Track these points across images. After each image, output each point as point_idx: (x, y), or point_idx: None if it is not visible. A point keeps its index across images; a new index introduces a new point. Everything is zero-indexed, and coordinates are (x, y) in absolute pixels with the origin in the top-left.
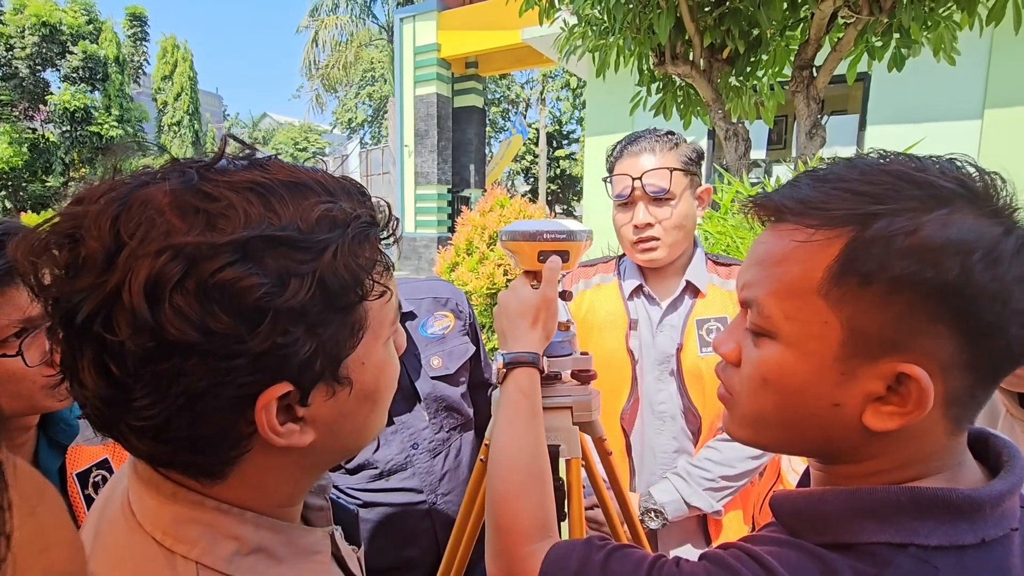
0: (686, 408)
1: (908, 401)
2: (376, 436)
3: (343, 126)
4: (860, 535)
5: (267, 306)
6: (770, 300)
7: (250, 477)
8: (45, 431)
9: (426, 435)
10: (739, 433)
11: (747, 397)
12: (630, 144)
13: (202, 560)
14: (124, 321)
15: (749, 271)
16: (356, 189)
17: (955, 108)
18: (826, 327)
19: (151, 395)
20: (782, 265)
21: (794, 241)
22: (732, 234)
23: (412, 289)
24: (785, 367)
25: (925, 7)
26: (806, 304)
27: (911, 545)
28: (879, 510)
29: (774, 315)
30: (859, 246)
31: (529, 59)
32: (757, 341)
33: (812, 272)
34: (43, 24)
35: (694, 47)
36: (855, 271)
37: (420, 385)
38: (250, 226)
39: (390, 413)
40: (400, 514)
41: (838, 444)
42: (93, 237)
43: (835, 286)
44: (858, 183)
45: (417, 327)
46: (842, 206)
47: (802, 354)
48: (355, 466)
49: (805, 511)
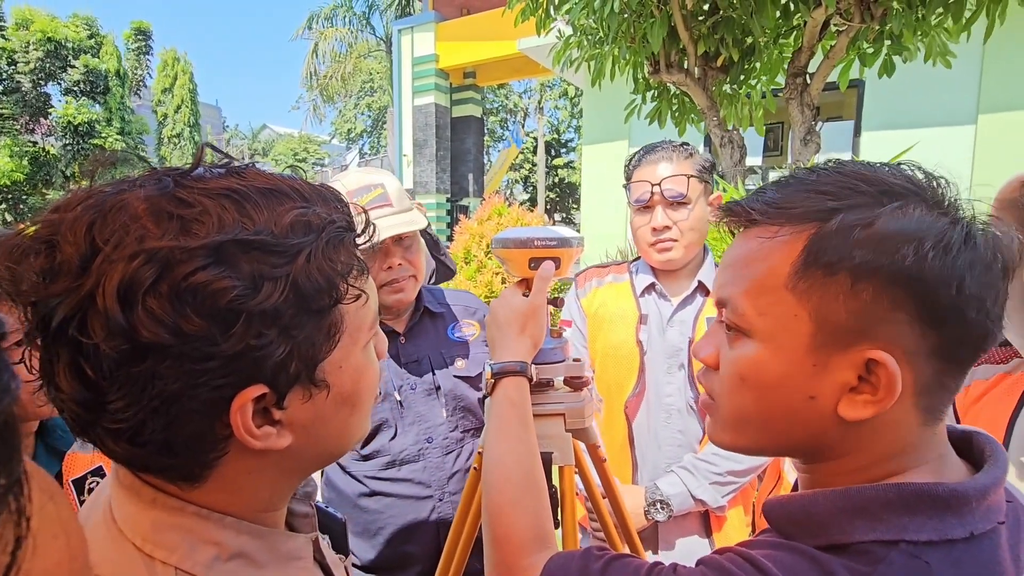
0: (695, 400)
1: (879, 388)
2: (358, 441)
3: (342, 136)
4: (852, 534)
5: (240, 308)
6: (743, 298)
7: (229, 481)
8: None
9: (442, 431)
10: (721, 437)
11: (727, 398)
12: (648, 153)
13: (181, 565)
14: (98, 324)
15: (723, 274)
16: (333, 196)
17: (949, 114)
18: (796, 320)
19: (126, 397)
20: (752, 264)
21: (761, 239)
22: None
23: (447, 294)
24: (761, 363)
25: (916, 15)
26: (776, 299)
27: (901, 541)
28: (868, 508)
29: (748, 312)
30: (821, 239)
31: (526, 69)
32: (733, 340)
33: (779, 268)
34: (48, 40)
35: (688, 55)
36: (819, 263)
37: (442, 381)
38: (224, 231)
39: (409, 405)
40: (405, 508)
41: (817, 439)
42: (69, 243)
43: (801, 279)
44: (816, 184)
45: (446, 329)
46: (803, 204)
47: (776, 348)
48: (369, 452)
49: (797, 514)
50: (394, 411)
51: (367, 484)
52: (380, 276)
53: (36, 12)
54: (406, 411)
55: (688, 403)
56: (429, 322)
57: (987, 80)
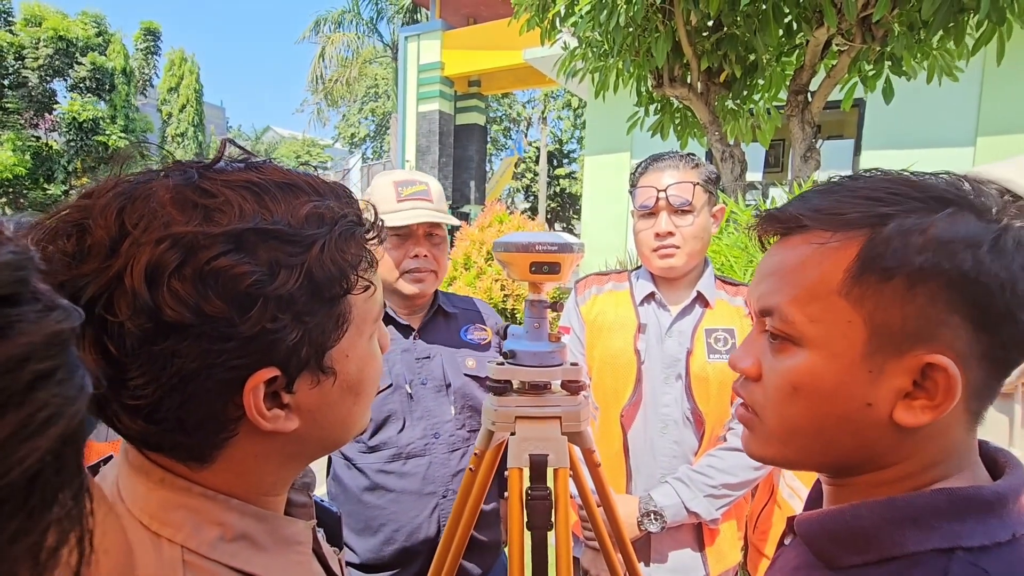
0: (691, 411)
1: (937, 393)
2: (358, 433)
3: (345, 141)
4: (905, 546)
5: (258, 293)
6: (792, 306)
7: (236, 464)
8: None
9: (449, 428)
10: (763, 450)
11: (775, 409)
12: (655, 161)
13: (187, 544)
14: (125, 303)
15: (764, 282)
16: (344, 192)
17: (949, 135)
18: (850, 326)
19: (146, 375)
20: (801, 271)
21: (814, 245)
22: (727, 253)
23: (461, 300)
24: (815, 371)
25: (916, 37)
26: (828, 305)
27: (957, 548)
28: (920, 517)
29: (797, 320)
30: (877, 244)
31: (531, 79)
32: (781, 349)
33: (832, 274)
34: (60, 38)
35: (692, 70)
36: (875, 268)
37: (452, 379)
38: (244, 220)
39: (419, 399)
40: (408, 504)
41: (868, 448)
42: (100, 226)
43: (856, 285)
44: (866, 190)
45: (459, 330)
46: (855, 210)
47: (830, 356)
48: (376, 443)
49: (841, 532)
50: (403, 404)
51: (372, 477)
52: (405, 263)
53: (46, 8)
54: (415, 405)
55: (685, 414)
56: (443, 321)
57: (986, 103)
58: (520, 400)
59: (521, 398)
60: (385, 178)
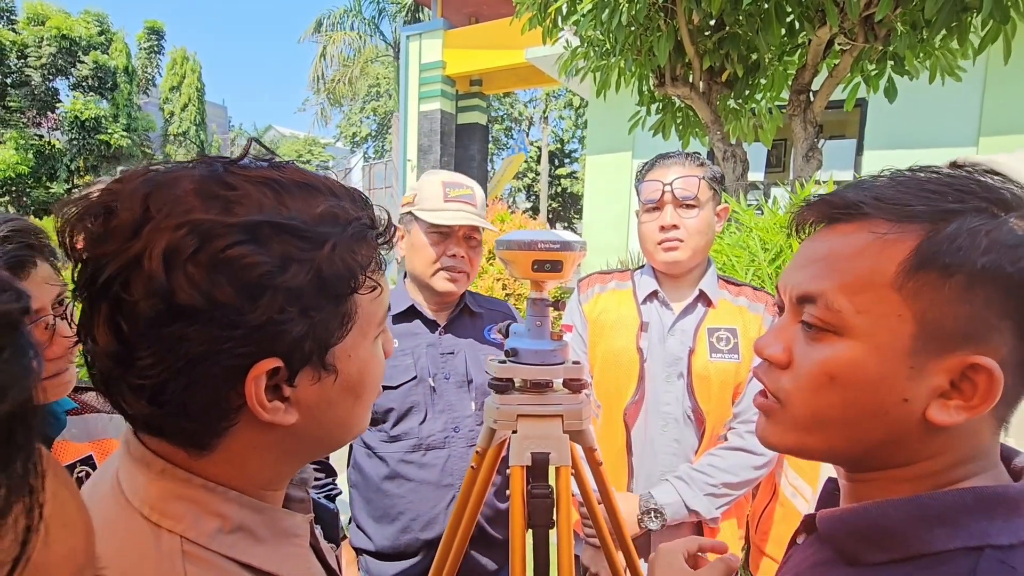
0: (692, 409)
1: (974, 395)
2: (356, 435)
3: (347, 140)
4: (932, 544)
5: (267, 283)
6: (840, 294)
7: (235, 454)
8: None
9: (468, 423)
10: (783, 438)
11: (805, 397)
12: (661, 159)
13: (186, 535)
14: (141, 284)
15: (808, 268)
16: (360, 197)
17: (951, 135)
18: (899, 320)
19: (154, 355)
20: (854, 259)
21: (872, 234)
22: (728, 253)
23: (487, 300)
24: (856, 362)
25: (919, 36)
26: (879, 297)
27: (986, 547)
28: (947, 515)
29: (844, 309)
30: (941, 240)
31: (532, 78)
32: (818, 338)
33: (886, 266)
34: (62, 36)
35: (694, 70)
36: (936, 264)
37: (475, 375)
38: (261, 213)
39: (441, 393)
40: (426, 494)
41: (896, 443)
42: (126, 209)
43: (911, 279)
44: (933, 184)
45: (483, 329)
46: (919, 203)
47: (874, 348)
48: (398, 433)
49: (866, 529)
50: (426, 396)
51: (392, 466)
52: (443, 260)
53: (49, 7)
54: (438, 398)
55: (685, 412)
56: (468, 319)
57: (989, 103)
58: (522, 398)
59: (523, 396)
60: (434, 176)
